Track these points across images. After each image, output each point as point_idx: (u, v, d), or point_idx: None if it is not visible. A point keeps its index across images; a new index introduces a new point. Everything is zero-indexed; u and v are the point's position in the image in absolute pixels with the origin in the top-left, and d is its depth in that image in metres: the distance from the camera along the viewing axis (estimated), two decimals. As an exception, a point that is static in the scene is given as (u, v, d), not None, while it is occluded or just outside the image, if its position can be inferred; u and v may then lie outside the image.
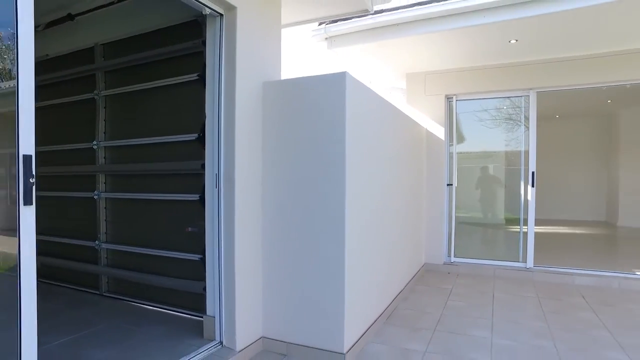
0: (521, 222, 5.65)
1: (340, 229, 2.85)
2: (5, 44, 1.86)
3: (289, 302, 3.05)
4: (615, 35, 4.55)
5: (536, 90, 5.51)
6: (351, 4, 3.61)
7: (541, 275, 5.29)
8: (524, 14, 3.94)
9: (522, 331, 3.56)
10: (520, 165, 5.67)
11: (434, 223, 5.86)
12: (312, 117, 2.95)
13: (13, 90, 1.72)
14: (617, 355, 3.04)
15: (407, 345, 3.24)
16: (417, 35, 4.53)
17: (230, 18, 2.89)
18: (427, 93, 5.94)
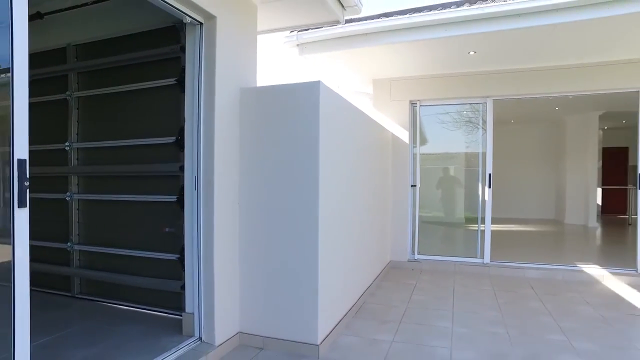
0: (479, 220, 6.05)
1: (314, 228, 3.05)
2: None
3: (265, 298, 3.21)
4: (558, 51, 5.01)
5: (492, 98, 5.93)
6: (323, 15, 3.81)
7: (496, 269, 5.70)
8: (481, 29, 4.30)
9: (479, 320, 3.88)
10: (479, 166, 6.07)
11: (398, 222, 6.16)
12: (288, 122, 3.13)
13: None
14: (557, 337, 3.42)
15: (376, 336, 3.47)
16: (384, 45, 4.80)
17: (210, 27, 3.02)
18: (393, 98, 6.24)
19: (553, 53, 5.09)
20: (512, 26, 4.18)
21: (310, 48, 4.91)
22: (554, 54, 5.12)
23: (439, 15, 4.37)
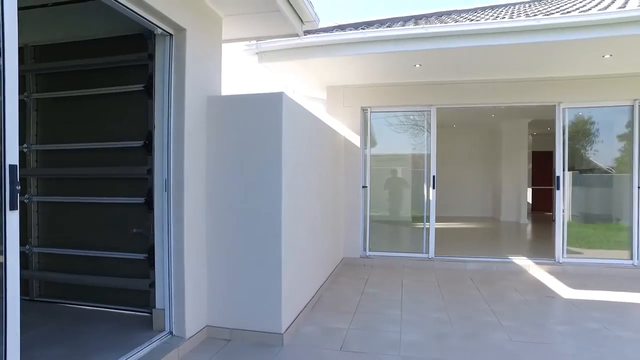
0: (424, 219, 6.58)
1: (278, 226, 3.33)
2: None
3: (231, 293, 3.43)
4: (493, 68, 5.63)
5: (436, 106, 6.48)
6: (283, 28, 4.07)
7: (440, 263, 6.24)
8: (426, 46, 4.77)
9: (424, 308, 4.34)
10: (424, 168, 6.60)
11: (351, 221, 6.56)
12: (253, 129, 3.38)
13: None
14: (490, 319, 3.94)
15: (334, 325, 3.80)
16: (338, 57, 5.15)
17: (180, 38, 3.20)
18: (345, 105, 6.63)
19: (489, 69, 5.70)
20: (452, 45, 4.69)
21: (268, 57, 5.16)
22: (490, 70, 5.73)
23: (389, 32, 4.79)
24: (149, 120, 3.44)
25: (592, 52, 4.97)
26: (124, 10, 2.74)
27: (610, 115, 6.32)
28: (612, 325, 3.79)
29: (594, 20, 4.32)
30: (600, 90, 5.97)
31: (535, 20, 4.43)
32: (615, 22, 4.29)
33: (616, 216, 6.49)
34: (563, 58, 5.22)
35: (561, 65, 5.51)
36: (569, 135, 6.20)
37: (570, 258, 6.15)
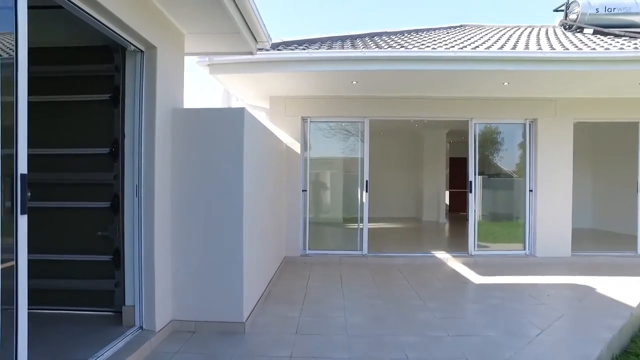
0: (358, 219, 7.29)
1: (239, 229, 3.75)
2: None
3: (195, 289, 3.78)
4: (419, 87, 6.47)
5: (369, 118, 7.22)
6: (239, 46, 4.47)
7: (373, 259, 6.97)
8: (362, 68, 5.45)
9: (363, 296, 4.98)
10: (358, 173, 7.31)
11: (292, 222, 7.05)
12: (216, 140, 3.77)
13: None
14: (417, 302, 4.69)
15: (286, 314, 4.29)
16: (284, 72, 5.64)
17: (151, 55, 3.50)
18: (287, 114, 7.12)
19: (414, 88, 6.54)
20: (384, 67, 5.43)
21: (219, 69, 5.49)
22: (415, 88, 6.58)
23: (331, 54, 5.41)
24: (115, 129, 3.68)
25: (494, 80, 5.99)
26: (100, 27, 2.95)
27: (511, 129, 7.52)
28: (509, 302, 4.72)
29: (495, 56, 5.32)
30: (502, 110, 7.12)
31: (452, 53, 5.31)
32: (509, 59, 5.31)
33: (516, 215, 7.70)
34: (473, 83, 6.20)
35: (472, 88, 6.51)
36: (479, 144, 7.29)
37: (480, 251, 7.21)
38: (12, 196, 2.16)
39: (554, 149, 7.12)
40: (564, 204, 7.15)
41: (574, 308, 4.66)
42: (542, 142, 7.12)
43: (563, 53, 5.37)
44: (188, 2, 3.42)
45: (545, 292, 5.17)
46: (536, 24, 9.85)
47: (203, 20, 3.78)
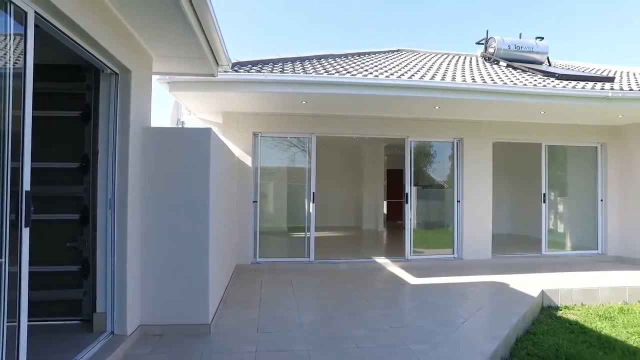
0: (305, 229, 7.80)
1: (206, 239, 4.11)
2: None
3: (163, 295, 4.06)
4: (361, 107, 7.15)
5: (316, 134, 7.80)
6: (203, 68, 4.84)
7: (320, 265, 7.50)
8: (311, 90, 6.02)
9: (313, 298, 5.48)
10: (305, 185, 7.83)
11: (243, 232, 7.40)
12: (185, 157, 4.11)
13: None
14: (362, 302, 5.27)
15: (246, 315, 4.67)
16: (239, 92, 6.05)
17: (125, 78, 3.80)
18: (239, 129, 7.50)
19: (358, 108, 7.23)
20: (331, 91, 6.05)
21: (179, 87, 5.78)
22: (359, 109, 7.26)
23: (283, 77, 5.93)
24: (86, 144, 3.91)
25: (427, 104, 6.82)
26: (80, 50, 3.20)
27: (442, 146, 8.47)
28: (440, 298, 5.45)
29: (427, 85, 6.15)
30: (434, 130, 8.04)
31: (391, 80, 6.06)
32: (438, 88, 6.17)
33: (446, 222, 8.62)
34: (409, 106, 7.00)
35: (408, 110, 7.33)
36: (414, 159, 8.14)
37: (415, 256, 8.02)
38: (17, 210, 2.40)
39: (477, 165, 8.15)
40: (486, 212, 8.19)
41: (492, 300, 5.50)
42: (467, 158, 8.12)
43: (481, 85, 6.32)
44: (163, 32, 3.77)
45: (470, 289, 6.00)
46: (462, 52, 11.08)
47: (174, 46, 4.13)
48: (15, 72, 2.42)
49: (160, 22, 3.56)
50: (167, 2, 3.13)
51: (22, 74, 2.46)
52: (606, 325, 5.06)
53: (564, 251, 8.97)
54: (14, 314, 2.41)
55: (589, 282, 6.46)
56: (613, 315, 5.47)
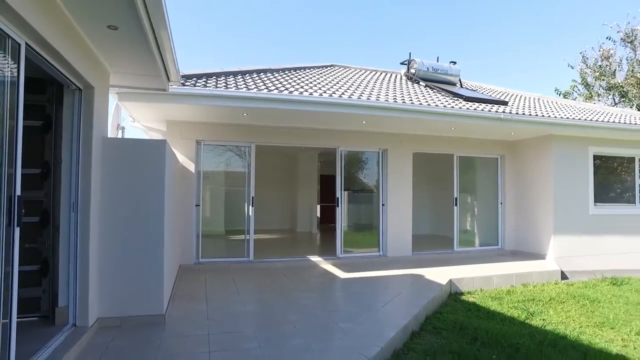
0: (245, 230, 8.37)
1: (161, 239, 4.61)
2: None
3: (119, 290, 4.48)
4: (297, 119, 7.90)
5: (255, 143, 8.42)
6: (156, 83, 5.28)
7: (259, 264, 8.11)
8: (251, 105, 6.65)
9: (255, 292, 6.11)
10: (245, 190, 8.41)
11: (186, 234, 7.80)
12: (142, 166, 4.59)
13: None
14: (299, 293, 6.01)
15: (195, 307, 5.19)
16: (185, 104, 6.52)
17: (89, 93, 4.21)
18: (183, 137, 7.91)
19: (295, 120, 7.97)
20: (269, 106, 6.72)
21: (127, 97, 6.11)
22: (295, 121, 8.00)
23: (226, 92, 6.49)
24: (47, 152, 4.24)
25: (356, 118, 7.74)
26: (53, 71, 3.62)
27: (370, 155, 9.48)
28: (366, 288, 6.35)
29: (354, 103, 7.05)
30: (362, 141, 9.02)
31: (324, 98, 6.88)
32: (364, 106, 7.11)
33: (374, 224, 9.62)
34: (339, 119, 7.87)
35: (339, 123, 8.22)
36: (345, 165, 9.05)
37: (345, 254, 8.91)
38: (9, 213, 2.81)
39: (399, 172, 9.25)
40: (407, 214, 9.31)
41: (409, 288, 6.50)
42: (390, 166, 9.19)
43: (401, 105, 7.36)
44: (125, 53, 4.23)
45: (391, 280, 6.98)
46: (388, 69, 12.30)
47: (132, 65, 4.58)
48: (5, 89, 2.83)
49: (124, 46, 4.03)
50: (131, 28, 3.60)
51: (16, 92, 2.87)
52: (495, 303, 6.25)
53: (472, 247, 10.39)
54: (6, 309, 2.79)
55: (487, 271, 7.73)
56: (502, 296, 6.71)
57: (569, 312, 5.98)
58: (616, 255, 9.57)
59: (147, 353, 3.76)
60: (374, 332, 4.40)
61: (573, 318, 5.72)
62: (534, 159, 9.78)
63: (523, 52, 40.10)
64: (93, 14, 3.40)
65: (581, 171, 9.51)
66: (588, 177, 9.59)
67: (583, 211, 9.50)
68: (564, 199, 9.23)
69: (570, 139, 9.31)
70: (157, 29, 3.65)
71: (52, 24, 3.12)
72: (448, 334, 4.88)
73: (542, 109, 9.73)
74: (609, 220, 9.73)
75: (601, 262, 9.28)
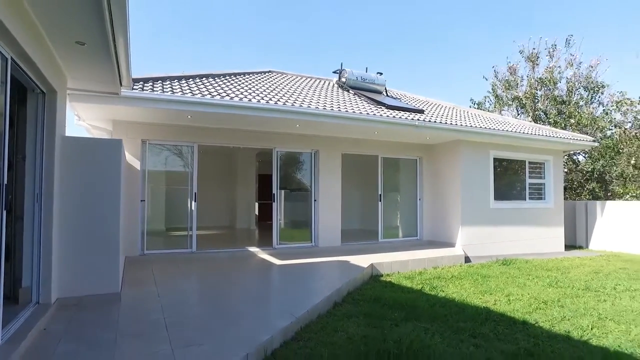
0: (189, 223, 8.99)
1: (117, 222, 5.24)
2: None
3: (79, 269, 5.03)
4: (237, 122, 8.67)
5: (198, 143, 9.07)
6: (110, 87, 5.83)
7: (201, 255, 8.76)
8: (194, 109, 7.35)
9: (201, 277, 6.83)
10: (188, 187, 9.02)
11: (132, 226, 8.25)
12: (99, 163, 5.18)
13: None
14: (238, 276, 6.82)
15: (146, 289, 5.82)
16: (132, 107, 7.07)
17: (52, 97, 4.75)
18: (129, 136, 8.35)
19: (235, 123, 8.73)
20: (211, 110, 7.45)
21: (78, 99, 6.50)
22: (235, 123, 8.76)
23: (171, 97, 7.12)
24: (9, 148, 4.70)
25: (290, 122, 8.67)
26: (22, 76, 4.15)
27: (305, 155, 10.45)
28: (297, 272, 7.30)
29: (287, 109, 7.97)
30: (297, 142, 9.98)
31: (261, 104, 7.74)
32: (296, 112, 8.06)
33: (308, 219, 10.60)
34: (275, 123, 8.75)
35: (275, 126, 9.10)
36: (282, 164, 9.95)
37: (281, 245, 9.82)
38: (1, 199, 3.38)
39: (330, 172, 10.33)
40: (336, 209, 10.41)
41: (334, 271, 7.55)
42: (322, 166, 10.24)
43: (330, 112, 8.41)
44: (87, 63, 4.81)
45: (320, 265, 8.00)
46: (322, 77, 13.38)
47: (90, 73, 5.16)
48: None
49: (86, 57, 4.63)
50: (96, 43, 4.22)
51: (4, 97, 3.45)
52: (408, 282, 7.47)
53: (395, 238, 11.74)
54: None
55: (404, 257, 8.99)
56: (414, 276, 7.97)
57: (464, 285, 7.35)
58: (511, 242, 11.37)
59: (109, 321, 4.41)
60: (302, 300, 5.35)
61: (465, 289, 7.07)
62: (446, 160, 11.33)
63: (446, 65, 43.78)
64: (65, 32, 4.01)
65: (484, 171, 11.20)
66: (489, 176, 11.30)
67: (485, 206, 11.18)
68: (470, 195, 10.84)
69: (475, 144, 10.94)
70: (118, 45, 4.31)
71: (32, 41, 3.71)
72: (364, 303, 5.95)
73: (454, 117, 11.30)
74: (506, 213, 11.52)
75: (499, 248, 11.00)
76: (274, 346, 3.98)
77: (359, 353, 3.90)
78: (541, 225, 12.08)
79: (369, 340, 4.24)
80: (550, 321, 5.20)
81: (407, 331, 4.54)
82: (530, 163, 12.26)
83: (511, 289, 7.10)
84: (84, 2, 3.35)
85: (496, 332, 4.73)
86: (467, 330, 4.71)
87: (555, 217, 12.44)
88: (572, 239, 13.67)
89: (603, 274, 8.61)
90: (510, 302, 6.22)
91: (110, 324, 4.33)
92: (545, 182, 12.51)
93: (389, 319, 5.06)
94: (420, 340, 4.24)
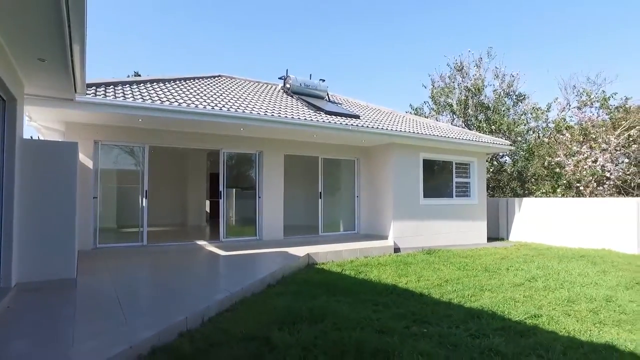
0: (140, 217, 9.61)
1: (73, 215, 5.90)
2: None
3: (38, 256, 5.66)
4: (187, 125, 9.40)
5: (148, 144, 9.71)
6: (64, 94, 6.44)
7: (152, 248, 9.43)
8: (144, 113, 8.05)
9: (150, 266, 7.56)
10: (140, 185, 9.64)
11: (84, 222, 8.76)
12: (55, 163, 5.83)
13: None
14: (186, 265, 7.62)
15: (99, 276, 6.50)
16: (85, 111, 7.66)
17: (12, 104, 5.36)
18: (81, 137, 8.85)
19: (183, 125, 9.44)
20: (159, 115, 8.17)
21: (32, 102, 6.97)
22: (184, 126, 9.48)
23: (121, 102, 7.77)
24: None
25: (235, 126, 9.50)
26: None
27: (250, 155, 11.32)
28: (240, 261, 8.18)
29: (231, 114, 8.82)
30: (242, 144, 10.84)
31: (207, 110, 8.54)
32: (240, 117, 8.94)
33: (254, 215, 11.45)
34: (221, 126, 9.54)
35: (221, 129, 9.89)
36: (231, 164, 10.75)
37: (228, 239, 10.64)
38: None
39: (273, 171, 11.26)
40: (279, 205, 11.36)
41: (274, 259, 8.48)
42: (265, 166, 11.16)
43: (271, 117, 9.33)
44: (44, 73, 5.45)
45: (262, 255, 8.92)
46: (270, 81, 14.27)
47: (47, 82, 5.78)
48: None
49: (45, 70, 5.28)
50: (55, 59, 4.90)
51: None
52: (338, 268, 8.54)
53: (334, 232, 12.85)
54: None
55: (339, 248, 10.06)
56: (345, 264, 9.06)
57: (386, 270, 8.51)
58: (439, 234, 12.79)
59: (69, 299, 5.13)
60: (239, 280, 6.27)
61: (387, 273, 8.22)
62: (381, 161, 12.57)
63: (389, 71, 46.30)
64: (28, 50, 4.68)
65: (414, 171, 12.52)
66: (419, 176, 12.63)
67: (415, 202, 12.51)
68: (401, 192, 12.12)
69: (407, 146, 12.24)
70: (75, 56, 5.00)
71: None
72: (294, 285, 6.93)
73: (389, 122, 12.54)
74: (434, 209, 12.91)
75: (427, 240, 12.36)
76: (210, 314, 4.88)
77: (277, 316, 4.89)
78: (466, 219, 13.60)
79: (290, 309, 5.23)
80: (442, 293, 6.43)
81: (322, 302, 5.58)
82: (457, 164, 13.74)
83: (425, 272, 8.33)
84: (46, 20, 3.89)
85: (395, 302, 5.87)
86: (372, 300, 5.82)
87: (479, 212, 14.02)
88: (496, 231, 15.41)
89: (507, 260, 10.11)
90: (419, 281, 7.43)
91: (70, 302, 5.05)
92: (470, 181, 14.06)
93: (311, 295, 6.08)
94: (330, 307, 5.28)
